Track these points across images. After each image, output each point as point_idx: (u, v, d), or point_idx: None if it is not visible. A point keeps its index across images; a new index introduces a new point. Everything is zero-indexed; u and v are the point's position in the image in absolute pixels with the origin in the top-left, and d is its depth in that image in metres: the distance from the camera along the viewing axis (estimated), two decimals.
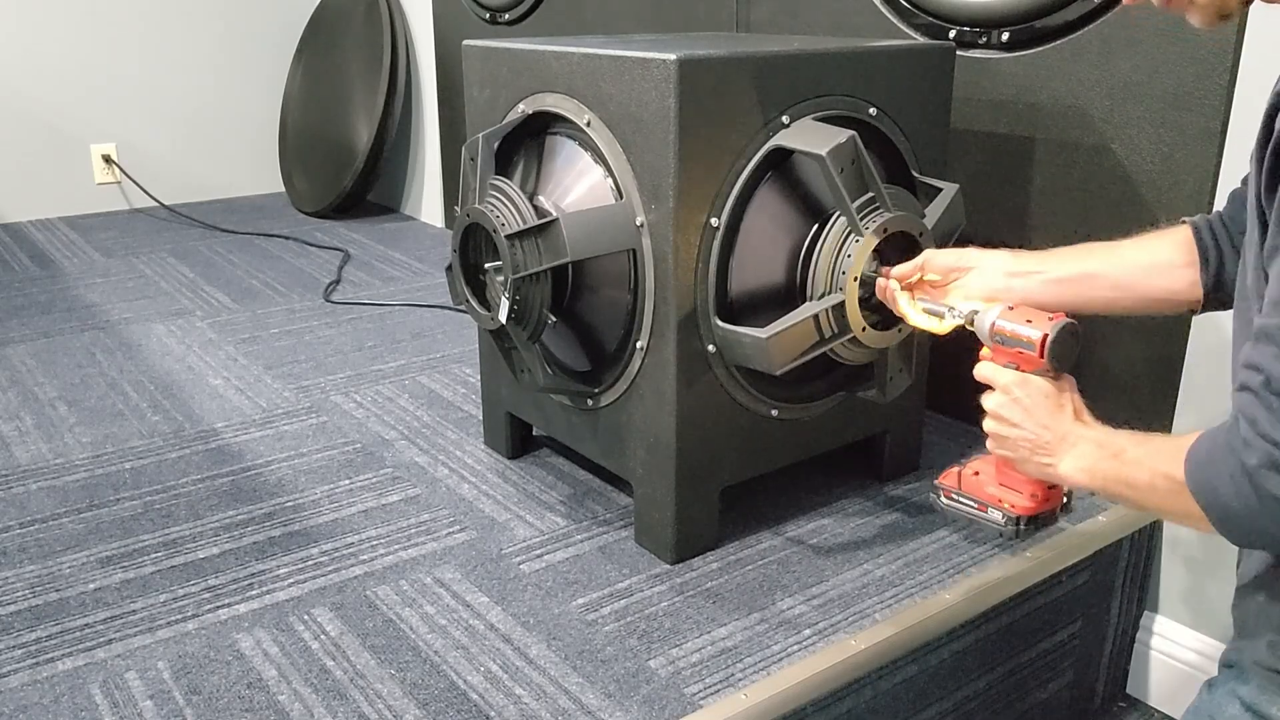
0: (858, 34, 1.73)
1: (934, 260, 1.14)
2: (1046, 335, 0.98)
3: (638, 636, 1.17)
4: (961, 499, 1.09)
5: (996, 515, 1.05)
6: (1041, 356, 0.99)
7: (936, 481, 1.11)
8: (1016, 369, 1.00)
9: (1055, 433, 0.95)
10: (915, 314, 1.13)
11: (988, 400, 1.01)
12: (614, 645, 1.16)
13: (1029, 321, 1.00)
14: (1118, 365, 1.50)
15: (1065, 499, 1.06)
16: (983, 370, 1.02)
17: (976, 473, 1.08)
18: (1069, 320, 1.00)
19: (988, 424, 1.01)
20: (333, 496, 1.49)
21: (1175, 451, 0.80)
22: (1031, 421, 0.96)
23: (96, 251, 2.81)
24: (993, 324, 1.03)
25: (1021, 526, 1.04)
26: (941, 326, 1.10)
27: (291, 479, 1.54)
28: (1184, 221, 1.02)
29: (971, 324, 1.06)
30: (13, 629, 1.19)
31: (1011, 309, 1.03)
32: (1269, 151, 0.72)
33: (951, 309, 1.09)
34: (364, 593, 1.26)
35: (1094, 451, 0.91)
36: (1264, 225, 0.76)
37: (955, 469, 1.11)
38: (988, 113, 1.59)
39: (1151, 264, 1.03)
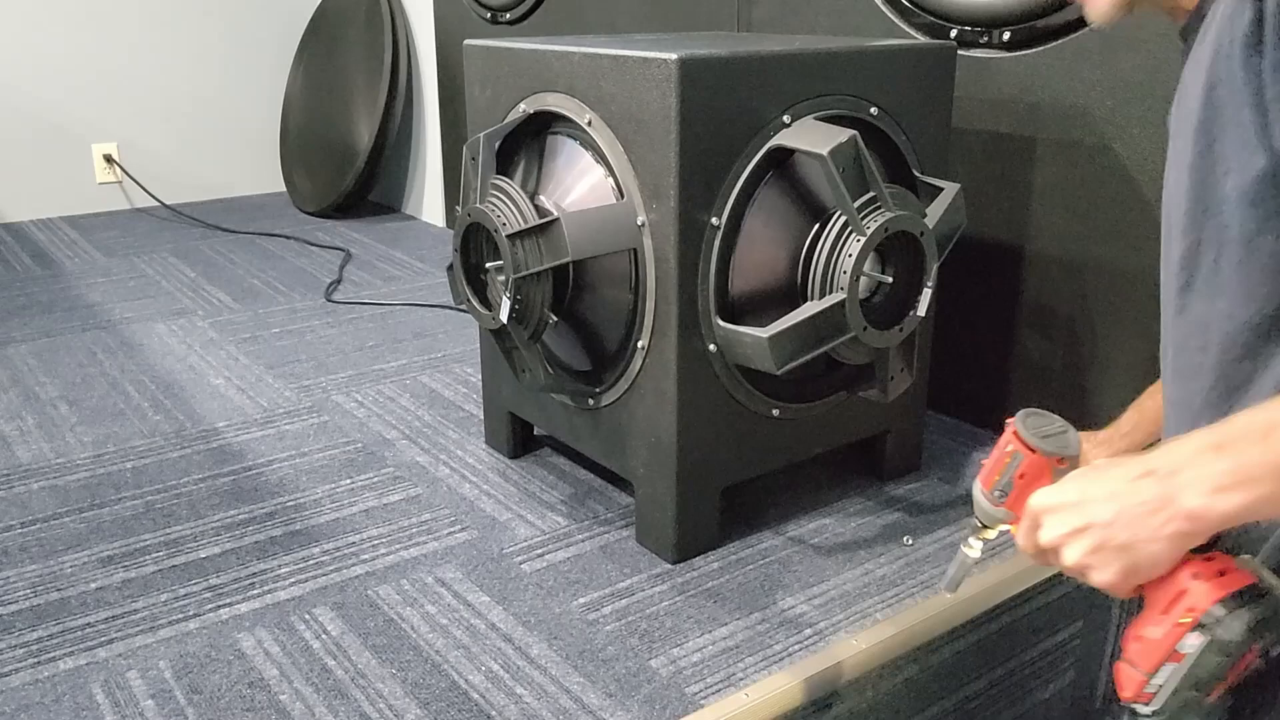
0: (859, 33, 1.73)
1: None
2: (1012, 421, 0.82)
3: (639, 636, 1.17)
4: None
5: (1194, 639, 0.71)
6: (1033, 451, 0.80)
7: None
8: (1029, 486, 0.80)
9: (1129, 489, 0.70)
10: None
11: (1044, 533, 0.75)
12: (615, 645, 1.16)
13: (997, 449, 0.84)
14: (1119, 363, 1.50)
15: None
16: (1030, 506, 0.77)
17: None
18: (1027, 409, 0.84)
19: (1067, 556, 0.73)
20: (334, 496, 1.49)
21: None
22: (1095, 508, 0.72)
23: (98, 251, 2.81)
24: (975, 481, 0.86)
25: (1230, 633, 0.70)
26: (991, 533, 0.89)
27: (293, 478, 1.54)
28: None
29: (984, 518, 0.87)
30: (14, 628, 1.19)
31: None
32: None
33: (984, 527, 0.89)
34: (365, 592, 1.26)
35: (1195, 458, 0.66)
36: (1194, 191, 0.75)
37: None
38: (988, 112, 1.59)
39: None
